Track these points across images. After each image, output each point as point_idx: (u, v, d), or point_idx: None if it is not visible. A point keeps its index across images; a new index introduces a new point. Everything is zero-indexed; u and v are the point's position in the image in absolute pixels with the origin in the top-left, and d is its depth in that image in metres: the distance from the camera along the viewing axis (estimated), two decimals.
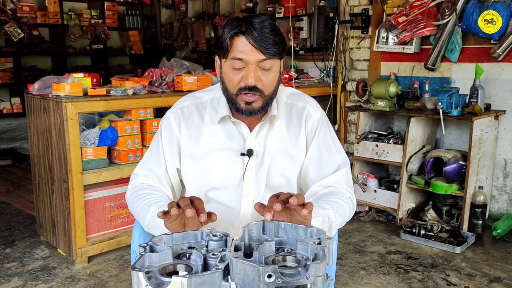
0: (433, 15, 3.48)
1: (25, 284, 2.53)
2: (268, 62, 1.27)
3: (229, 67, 1.29)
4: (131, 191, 1.38)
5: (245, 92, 1.28)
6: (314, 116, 1.42)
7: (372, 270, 2.71)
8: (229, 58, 1.28)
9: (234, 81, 1.29)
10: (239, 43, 1.25)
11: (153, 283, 0.84)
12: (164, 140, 1.41)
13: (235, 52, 1.26)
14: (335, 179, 1.37)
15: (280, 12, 4.84)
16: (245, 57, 1.25)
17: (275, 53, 1.27)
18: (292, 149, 1.40)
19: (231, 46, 1.26)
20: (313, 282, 0.86)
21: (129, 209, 1.40)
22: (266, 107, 1.34)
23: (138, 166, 1.45)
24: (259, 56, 1.25)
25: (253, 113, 1.32)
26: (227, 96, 1.34)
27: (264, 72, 1.28)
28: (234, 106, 1.33)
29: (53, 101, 2.65)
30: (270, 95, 1.33)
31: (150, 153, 1.45)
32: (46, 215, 2.96)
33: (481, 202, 3.12)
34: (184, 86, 2.99)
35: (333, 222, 1.25)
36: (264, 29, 1.25)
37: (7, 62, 5.79)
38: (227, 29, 1.27)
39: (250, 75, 1.26)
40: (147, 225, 1.29)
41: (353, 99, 4.15)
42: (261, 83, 1.28)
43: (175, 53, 6.85)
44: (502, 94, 3.38)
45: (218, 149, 1.38)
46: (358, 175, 3.68)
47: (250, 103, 1.30)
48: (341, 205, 1.30)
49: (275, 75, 1.31)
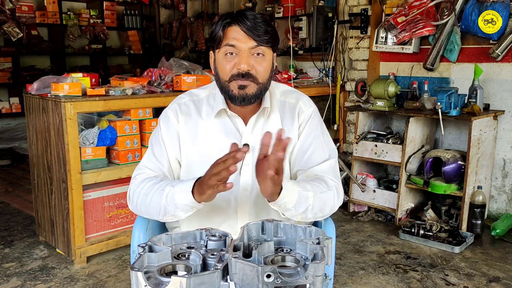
0: (432, 15, 3.48)
1: (24, 284, 2.53)
2: (261, 49, 1.31)
3: (222, 55, 1.33)
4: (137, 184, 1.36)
5: (238, 79, 1.31)
6: (306, 111, 1.45)
7: (371, 270, 2.71)
8: (222, 46, 1.32)
9: (227, 69, 1.32)
10: (232, 31, 1.31)
11: (152, 283, 0.84)
12: (164, 133, 1.42)
13: (228, 39, 1.31)
14: (321, 169, 1.39)
15: (279, 12, 4.84)
16: (237, 44, 1.30)
17: (267, 41, 1.31)
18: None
19: (224, 35, 1.31)
20: (312, 282, 0.86)
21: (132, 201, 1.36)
22: (260, 95, 1.36)
23: (142, 161, 1.45)
24: (251, 43, 1.30)
25: (246, 99, 1.33)
26: (220, 85, 1.36)
27: (257, 59, 1.32)
28: (227, 94, 1.34)
29: (52, 101, 2.64)
30: (264, 84, 1.35)
31: (151, 148, 1.45)
32: (45, 215, 2.95)
33: (480, 202, 3.12)
34: (183, 86, 2.99)
35: (310, 205, 1.26)
36: (256, 19, 1.31)
37: (5, 62, 5.78)
38: (220, 21, 1.33)
39: (242, 60, 1.30)
40: (164, 208, 1.27)
41: (352, 99, 4.15)
42: (254, 70, 1.32)
43: (174, 53, 6.85)
44: (501, 94, 3.38)
45: (215, 144, 1.39)
46: (357, 175, 3.69)
47: (243, 87, 1.31)
48: (322, 191, 1.30)
49: (268, 64, 1.35)
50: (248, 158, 1.38)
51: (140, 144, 2.91)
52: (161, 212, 1.29)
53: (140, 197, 1.33)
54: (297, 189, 1.23)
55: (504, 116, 3.38)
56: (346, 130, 4.22)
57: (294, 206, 1.23)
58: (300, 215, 1.26)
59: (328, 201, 1.33)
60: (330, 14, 4.06)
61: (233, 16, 1.32)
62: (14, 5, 5.51)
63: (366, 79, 3.96)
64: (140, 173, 1.41)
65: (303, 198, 1.24)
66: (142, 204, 1.33)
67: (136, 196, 1.35)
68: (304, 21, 4.52)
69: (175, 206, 1.24)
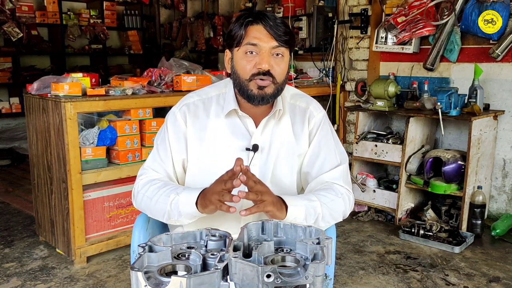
0: (432, 15, 3.48)
1: (24, 284, 2.53)
2: (281, 50, 1.32)
3: (242, 54, 1.33)
4: (142, 185, 1.37)
5: (260, 78, 1.31)
6: (317, 116, 1.45)
7: (371, 270, 2.71)
8: (243, 45, 1.32)
9: (247, 68, 1.32)
10: (254, 30, 1.31)
11: (152, 283, 0.84)
12: (170, 134, 1.42)
13: (249, 38, 1.31)
14: (332, 175, 1.40)
15: (279, 12, 4.84)
16: (259, 43, 1.30)
17: (287, 42, 1.32)
18: (296, 147, 1.42)
19: (245, 34, 1.31)
20: (312, 282, 0.86)
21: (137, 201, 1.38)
22: (277, 95, 1.37)
23: (147, 161, 1.45)
24: (273, 42, 1.30)
25: (265, 99, 1.34)
26: (239, 84, 1.36)
27: (276, 60, 1.33)
28: (246, 93, 1.34)
29: (52, 101, 2.64)
30: (281, 84, 1.36)
31: (157, 148, 1.45)
32: (45, 215, 2.95)
33: (480, 202, 3.12)
34: (183, 86, 2.99)
35: (320, 214, 1.28)
36: (277, 20, 1.32)
37: (5, 62, 5.78)
38: (241, 19, 1.33)
39: (264, 60, 1.30)
40: (168, 213, 1.30)
41: (352, 99, 4.15)
42: (273, 70, 1.32)
43: (174, 53, 6.85)
44: (501, 94, 3.38)
45: (223, 144, 1.39)
46: (357, 175, 3.68)
47: (263, 88, 1.32)
48: (330, 199, 1.32)
49: (285, 65, 1.36)
50: (256, 159, 1.38)
51: (140, 144, 2.91)
52: (165, 216, 1.32)
53: (144, 199, 1.35)
54: (302, 202, 1.25)
55: (504, 116, 3.38)
56: (346, 130, 4.22)
57: (304, 218, 1.25)
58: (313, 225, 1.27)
59: (338, 208, 1.34)
60: (330, 14, 4.06)
61: (255, 14, 1.32)
62: (14, 5, 5.51)
63: (366, 79, 3.95)
64: (145, 173, 1.42)
65: (311, 208, 1.26)
66: (147, 207, 1.36)
67: (141, 197, 1.37)
68: (304, 21, 4.52)
69: (179, 213, 1.27)
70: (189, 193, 1.27)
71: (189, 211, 1.25)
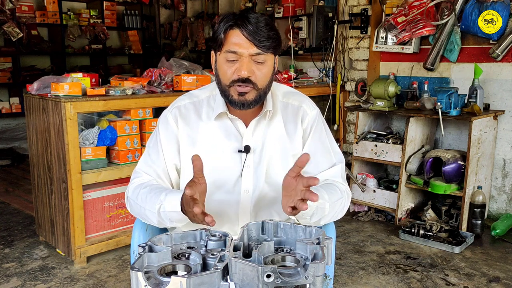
0: (432, 15, 3.48)
1: (24, 284, 2.53)
2: (262, 57, 1.29)
3: (223, 60, 1.30)
4: (132, 189, 1.37)
5: (238, 84, 1.29)
6: (310, 114, 1.44)
7: (371, 270, 2.71)
8: (223, 51, 1.30)
9: (228, 74, 1.30)
10: (234, 36, 1.27)
11: (152, 283, 0.84)
12: (162, 137, 1.41)
13: (229, 45, 1.28)
14: (331, 173, 1.40)
15: (279, 12, 4.84)
16: (239, 50, 1.27)
17: (269, 47, 1.28)
18: (290, 146, 1.41)
19: (225, 39, 1.28)
20: (312, 282, 0.86)
21: (130, 207, 1.37)
22: (259, 100, 1.34)
23: (138, 164, 1.45)
24: (252, 49, 1.27)
25: (245, 105, 1.32)
26: (221, 88, 1.35)
27: (257, 66, 1.29)
28: (227, 98, 1.34)
29: (52, 101, 2.64)
30: (264, 89, 1.33)
31: (148, 151, 1.44)
32: (45, 215, 2.95)
33: (480, 202, 3.12)
34: (183, 86, 2.99)
35: (325, 216, 1.28)
36: (259, 23, 1.27)
37: (5, 62, 5.79)
38: (223, 23, 1.29)
39: (243, 67, 1.27)
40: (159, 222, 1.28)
41: (352, 99, 4.15)
42: (254, 76, 1.30)
43: (174, 53, 6.85)
44: (501, 94, 3.38)
45: (215, 147, 1.38)
46: (357, 175, 3.68)
47: (243, 94, 1.30)
48: (338, 198, 1.32)
49: (268, 69, 1.32)
50: (249, 160, 1.38)
51: (140, 144, 2.91)
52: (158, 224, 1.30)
53: (135, 207, 1.34)
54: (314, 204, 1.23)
55: (504, 116, 3.38)
56: (346, 130, 4.22)
57: (310, 216, 1.24)
58: (314, 223, 1.27)
59: (341, 207, 1.34)
60: (330, 14, 4.06)
61: (235, 18, 1.28)
62: (14, 5, 5.51)
63: (366, 79, 3.95)
64: (136, 176, 1.41)
65: (320, 209, 1.25)
66: (139, 215, 1.35)
67: (133, 204, 1.35)
68: (304, 21, 4.52)
69: (170, 221, 1.25)
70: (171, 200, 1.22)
71: (178, 217, 1.22)
